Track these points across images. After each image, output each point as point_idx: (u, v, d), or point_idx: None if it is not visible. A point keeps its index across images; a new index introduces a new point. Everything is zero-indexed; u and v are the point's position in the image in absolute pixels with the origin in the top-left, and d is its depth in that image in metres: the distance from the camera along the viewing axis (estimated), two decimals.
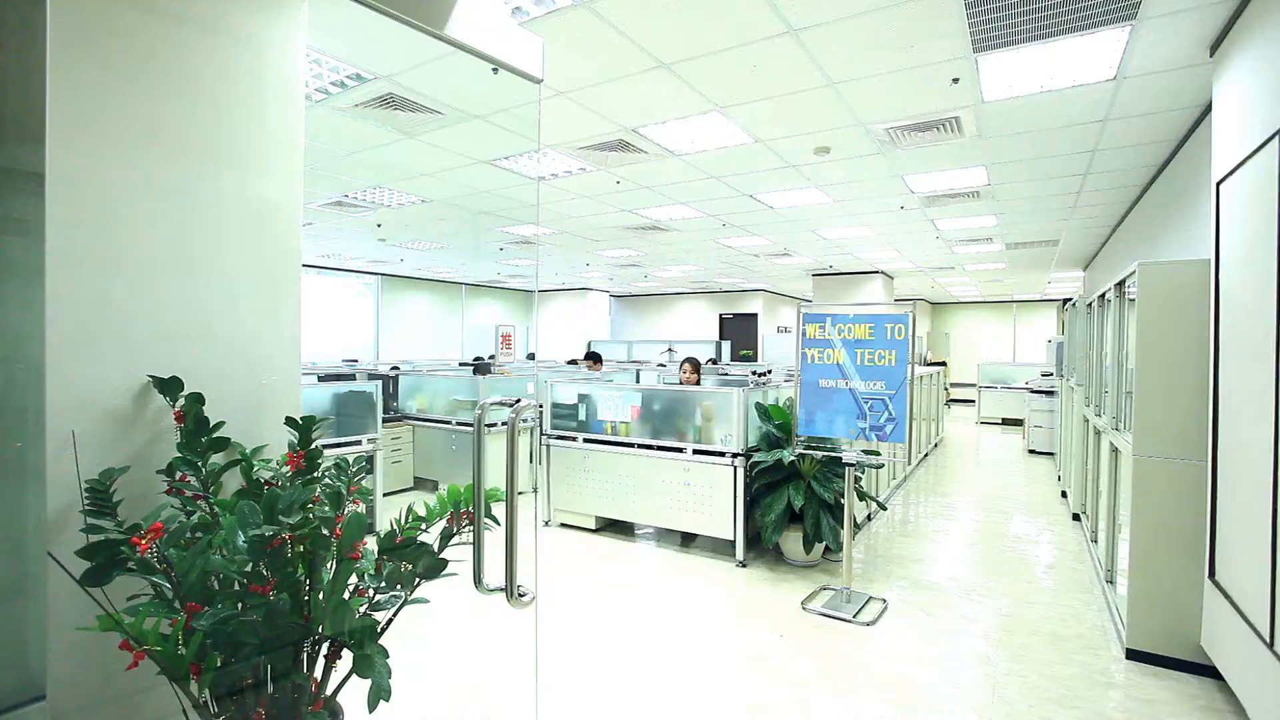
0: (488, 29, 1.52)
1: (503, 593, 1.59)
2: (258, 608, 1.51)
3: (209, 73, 2.03)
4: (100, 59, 1.44)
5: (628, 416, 5.13)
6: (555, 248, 9.64)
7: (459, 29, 1.44)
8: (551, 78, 3.56)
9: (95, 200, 1.50)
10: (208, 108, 2.02)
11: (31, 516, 1.11)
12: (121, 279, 1.81)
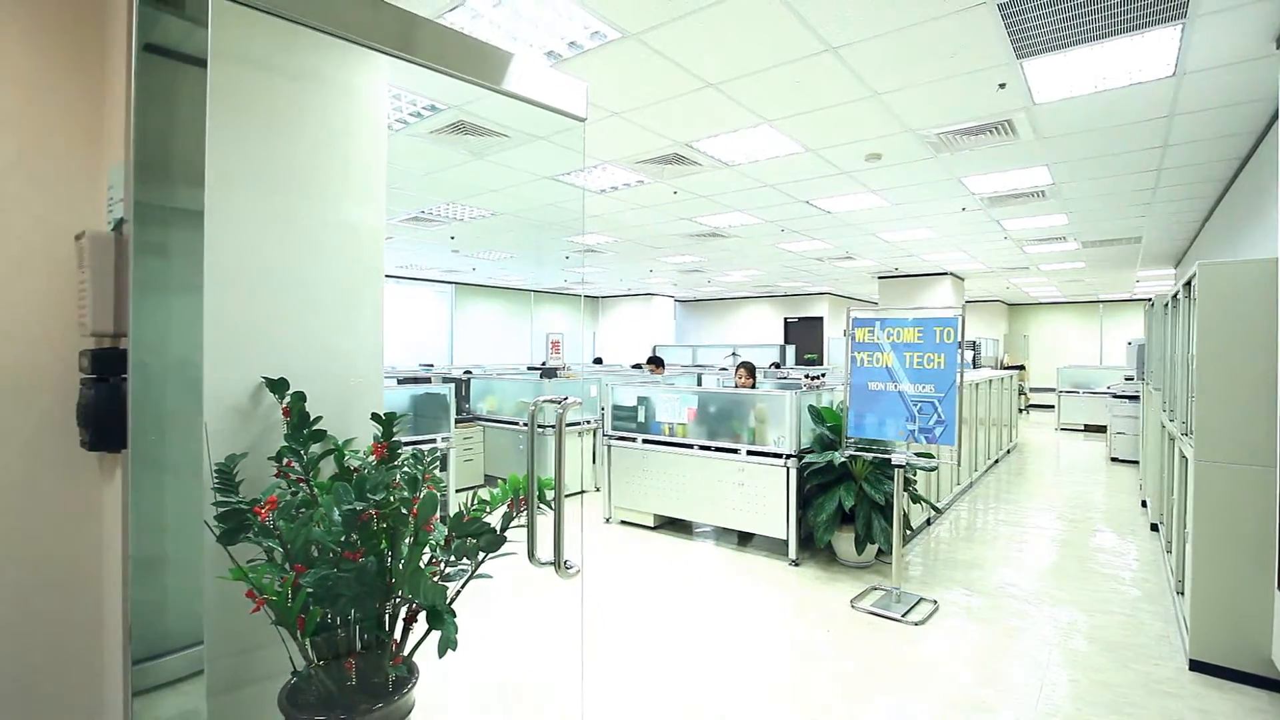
0: (537, 80, 1.76)
1: (553, 566, 1.82)
2: (351, 569, 1.80)
3: (307, 116, 2.39)
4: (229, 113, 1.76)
5: (685, 418, 5.32)
6: (618, 255, 9.94)
7: (513, 83, 1.69)
8: (607, 100, 3.82)
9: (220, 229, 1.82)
10: (306, 146, 2.38)
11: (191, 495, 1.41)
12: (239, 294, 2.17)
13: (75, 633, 1.46)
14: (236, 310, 2.16)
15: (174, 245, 1.33)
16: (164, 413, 1.31)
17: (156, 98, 1.26)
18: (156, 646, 1.47)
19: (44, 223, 1.37)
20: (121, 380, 1.26)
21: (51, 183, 1.38)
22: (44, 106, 1.39)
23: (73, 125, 1.41)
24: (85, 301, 1.28)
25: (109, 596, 1.45)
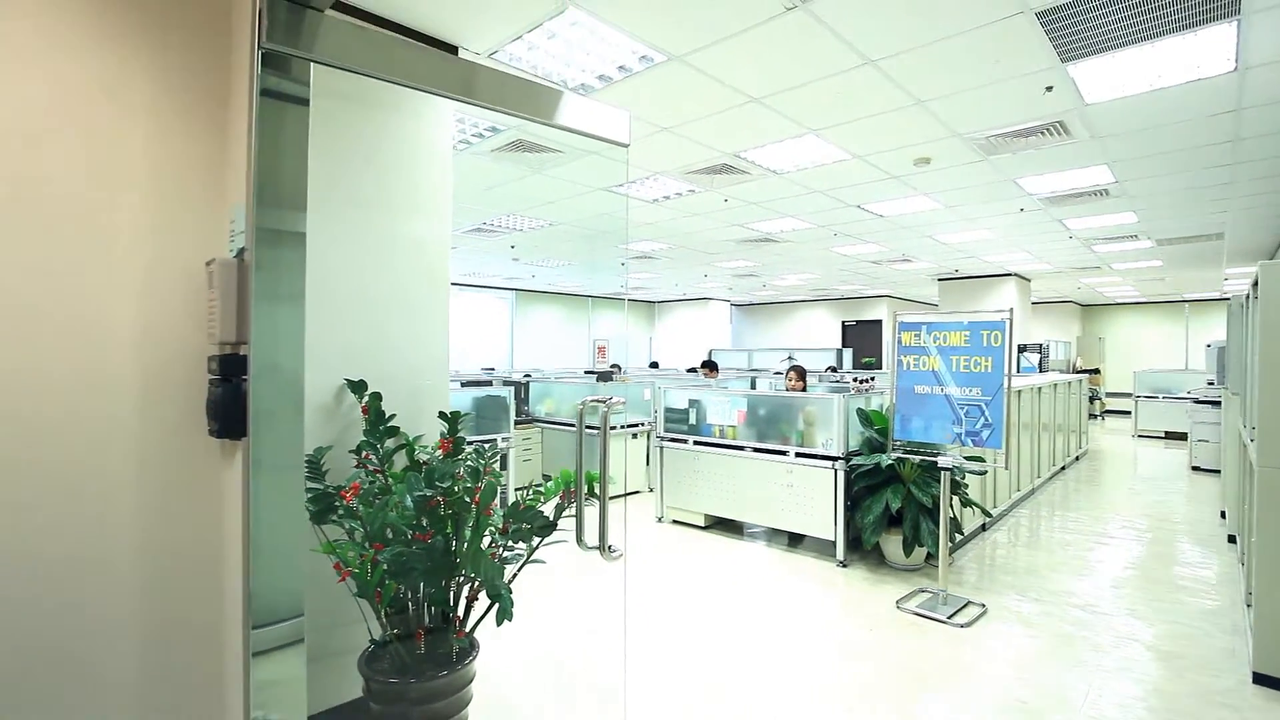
0: (584, 113, 1.97)
1: (598, 550, 2.01)
2: (421, 548, 2.05)
3: (383, 144, 2.69)
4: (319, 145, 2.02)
5: (734, 421, 5.45)
6: (672, 261, 10.12)
7: (564, 116, 1.90)
8: (656, 117, 4.01)
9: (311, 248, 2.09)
10: (380, 169, 2.68)
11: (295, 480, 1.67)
12: (325, 305, 2.47)
13: (201, 589, 1.74)
14: (323, 319, 2.46)
15: (281, 263, 1.60)
16: (274, 408, 1.57)
17: (268, 136, 1.52)
18: (265, 616, 1.72)
19: (182, 253, 1.67)
20: (242, 380, 1.53)
21: (187, 220, 1.68)
22: (179, 157, 1.68)
23: (202, 170, 1.70)
24: (214, 316, 1.56)
25: (229, 561, 1.73)
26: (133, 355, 1.61)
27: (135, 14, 1.62)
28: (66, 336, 1.52)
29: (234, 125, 1.70)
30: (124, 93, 1.60)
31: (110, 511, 1.60)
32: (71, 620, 1.55)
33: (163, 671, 1.69)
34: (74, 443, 1.54)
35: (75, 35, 1.54)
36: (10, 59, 1.46)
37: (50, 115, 1.51)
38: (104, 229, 1.57)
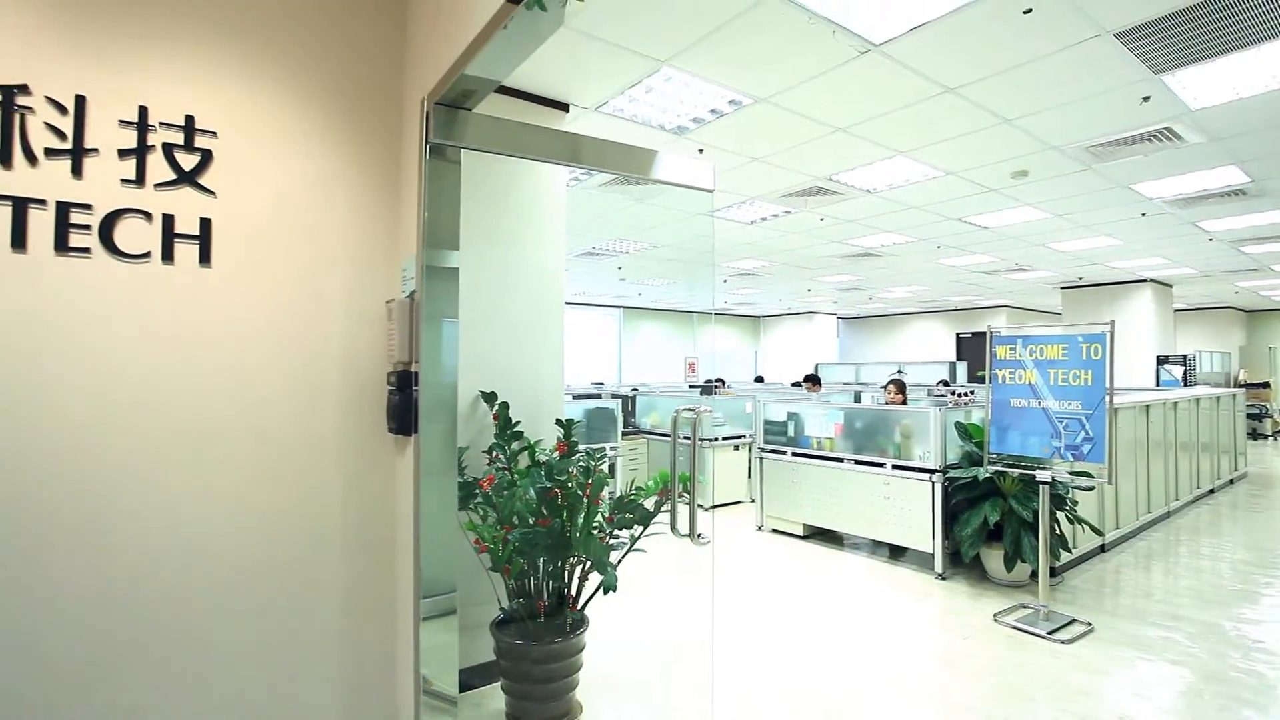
0: (674, 166, 2.35)
1: (688, 537, 2.35)
2: (543, 530, 2.48)
3: (509, 189, 3.19)
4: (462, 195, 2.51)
5: (832, 433, 5.59)
6: (774, 277, 10.30)
7: (657, 172, 2.29)
8: (747, 149, 4.33)
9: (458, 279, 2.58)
10: (507, 210, 3.18)
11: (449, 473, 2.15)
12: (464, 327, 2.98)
13: (379, 559, 2.26)
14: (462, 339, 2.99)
15: (439, 294, 2.08)
16: (434, 413, 2.05)
17: (431, 201, 2.01)
18: (427, 588, 2.17)
19: (370, 295, 2.21)
20: (413, 390, 2.02)
21: (372, 270, 2.22)
22: (367, 224, 2.23)
23: (382, 232, 2.25)
24: (392, 342, 2.07)
25: (401, 538, 2.23)
26: (338, 373, 2.16)
27: (339, 123, 2.19)
28: (302, 362, 2.09)
29: (405, 197, 2.23)
30: (332, 179, 2.17)
31: (326, 489, 2.15)
32: (305, 572, 2.10)
33: (354, 625, 2.21)
34: (304, 435, 2.10)
35: (305, 142, 2.12)
36: (269, 158, 2.05)
37: (289, 196, 2.09)
38: (320, 279, 2.14)
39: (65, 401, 1.78)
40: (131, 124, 1.87)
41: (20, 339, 1.73)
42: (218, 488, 1.98)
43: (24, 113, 1.74)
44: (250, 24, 2.06)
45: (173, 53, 1.94)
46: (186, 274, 1.93)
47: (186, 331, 1.94)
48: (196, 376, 1.95)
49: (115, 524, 1.84)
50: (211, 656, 1.97)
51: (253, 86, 2.05)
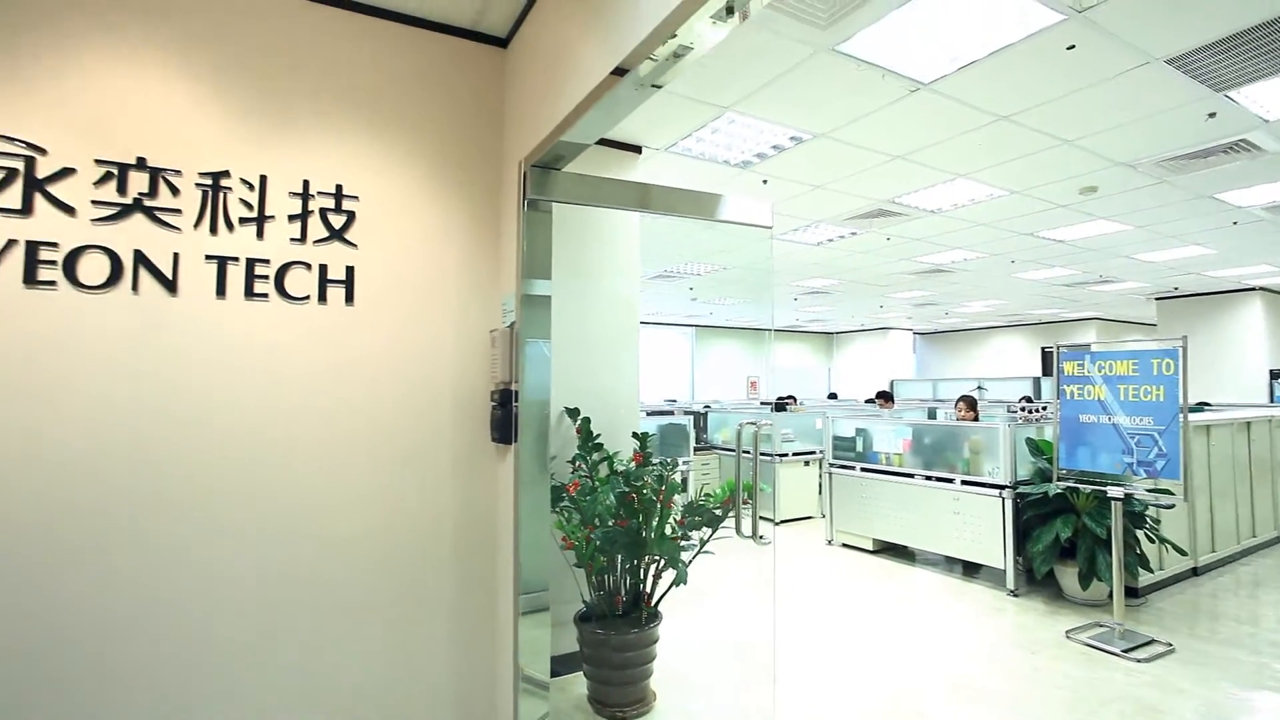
0: (736, 207, 2.65)
1: (750, 538, 2.61)
2: (621, 531, 2.80)
3: (588, 226, 3.56)
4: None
5: (900, 449, 5.67)
6: (845, 294, 10.34)
7: (720, 213, 2.61)
8: (808, 177, 4.58)
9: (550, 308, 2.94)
10: (587, 244, 3.55)
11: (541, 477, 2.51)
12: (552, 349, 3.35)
13: (482, 555, 2.64)
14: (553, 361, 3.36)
15: (534, 320, 2.45)
16: (529, 425, 2.42)
17: (527, 238, 2.40)
18: (524, 585, 2.51)
19: (478, 326, 2.63)
20: (512, 406, 2.40)
21: (478, 305, 2.64)
22: (475, 267, 2.65)
23: (486, 274, 2.66)
24: (495, 365, 2.46)
25: (502, 537, 2.61)
26: (450, 390, 2.58)
27: (451, 184, 2.63)
28: (421, 382, 2.52)
29: (505, 243, 2.63)
30: (446, 230, 2.61)
31: (443, 488, 2.56)
32: (422, 566, 2.51)
33: (461, 614, 2.59)
34: (422, 444, 2.52)
35: (424, 201, 2.57)
36: (397, 215, 2.51)
37: (412, 246, 2.54)
38: (436, 313, 2.57)
39: (241, 412, 2.26)
40: (298, 194, 2.36)
41: (215, 367, 2.22)
42: (353, 489, 2.41)
43: (225, 191, 2.25)
44: (383, 110, 2.53)
45: (327, 136, 2.43)
46: (336, 312, 2.40)
47: (335, 358, 2.40)
48: (340, 393, 2.40)
49: (276, 523, 2.30)
50: (346, 631, 2.39)
51: (385, 158, 2.52)
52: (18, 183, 2.02)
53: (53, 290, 2.04)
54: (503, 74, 2.77)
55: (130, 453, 2.11)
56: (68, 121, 2.09)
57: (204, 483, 2.20)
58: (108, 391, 2.09)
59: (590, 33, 1.93)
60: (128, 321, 2.13)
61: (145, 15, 2.20)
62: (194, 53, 2.26)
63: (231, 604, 2.22)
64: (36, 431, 2.01)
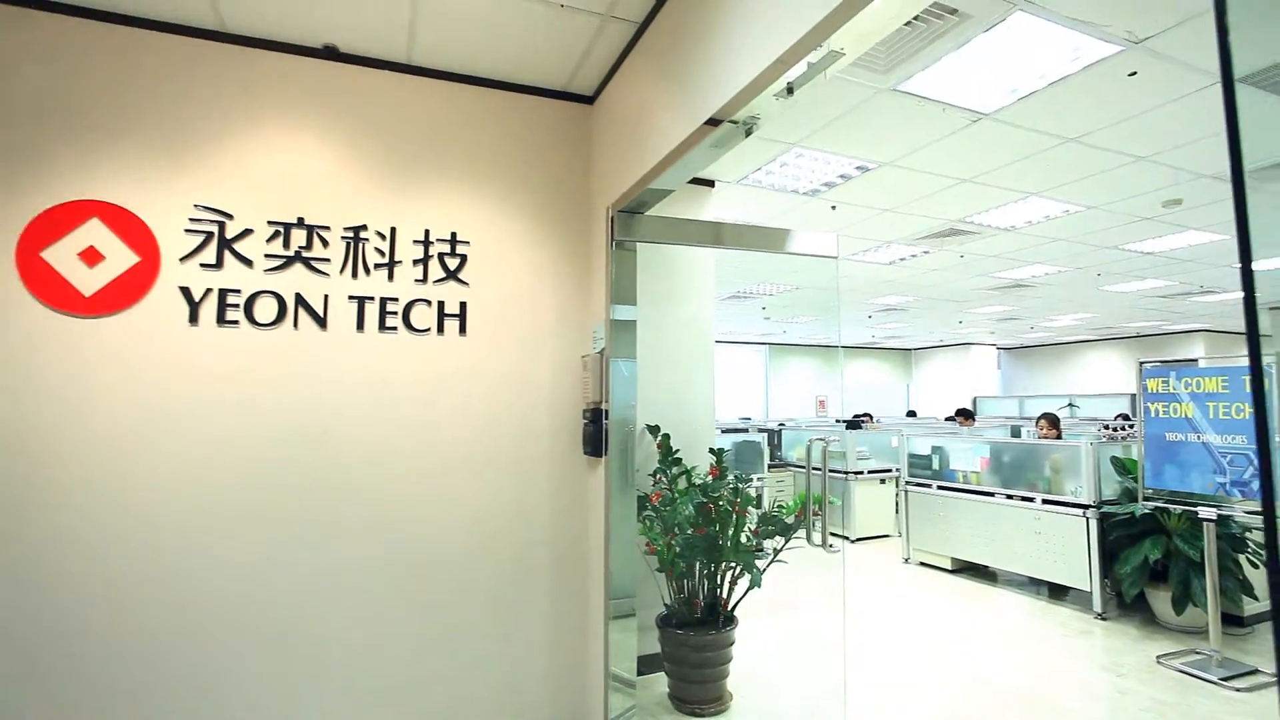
0: (803, 241, 2.88)
1: (820, 546, 2.79)
2: (700, 539, 3.05)
3: (668, 254, 3.85)
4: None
5: (977, 467, 5.63)
6: (922, 311, 10.21)
7: (789, 246, 2.84)
8: (876, 202, 4.72)
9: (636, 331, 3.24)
10: (665, 273, 3.84)
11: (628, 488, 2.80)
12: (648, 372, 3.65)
13: (574, 560, 2.94)
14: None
15: (620, 343, 2.75)
16: (616, 440, 2.71)
17: (614, 275, 2.71)
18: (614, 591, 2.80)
19: (571, 351, 2.96)
20: (603, 422, 2.70)
21: (571, 332, 2.98)
22: (568, 299, 3.00)
23: (578, 304, 3.00)
24: (587, 386, 2.77)
25: (593, 546, 2.91)
26: (547, 409, 2.92)
27: (546, 228, 2.99)
28: (522, 401, 2.88)
29: (594, 278, 2.97)
30: (542, 268, 2.97)
31: (540, 495, 2.89)
32: (521, 567, 2.84)
33: (556, 613, 2.90)
34: (522, 456, 2.86)
35: (523, 243, 2.94)
36: (501, 256, 2.89)
37: (514, 283, 2.91)
38: (534, 341, 2.92)
39: (376, 426, 2.67)
40: (420, 242, 2.77)
41: (358, 389, 2.65)
42: (463, 493, 2.78)
43: (363, 242, 2.69)
44: (488, 165, 2.92)
45: (443, 191, 2.84)
46: (451, 341, 2.79)
47: (451, 380, 2.78)
48: (455, 410, 2.78)
49: (397, 519, 2.68)
50: (454, 623, 2.74)
51: (490, 207, 2.91)
52: (213, 243, 2.51)
53: (236, 328, 2.52)
54: (589, 127, 3.13)
55: (297, 457, 2.55)
56: (247, 192, 2.58)
57: (348, 482, 2.61)
58: (278, 408, 2.54)
59: (670, 97, 2.24)
60: (290, 352, 2.58)
61: (300, 102, 2.68)
62: (337, 129, 2.72)
63: (352, 586, 2.61)
64: (228, 439, 2.48)
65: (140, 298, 2.44)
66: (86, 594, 2.31)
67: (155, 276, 2.46)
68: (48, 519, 2.30)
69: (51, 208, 2.37)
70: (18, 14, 2.40)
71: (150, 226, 2.46)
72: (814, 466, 3.07)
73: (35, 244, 2.34)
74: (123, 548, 2.36)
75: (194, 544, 2.43)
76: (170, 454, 2.43)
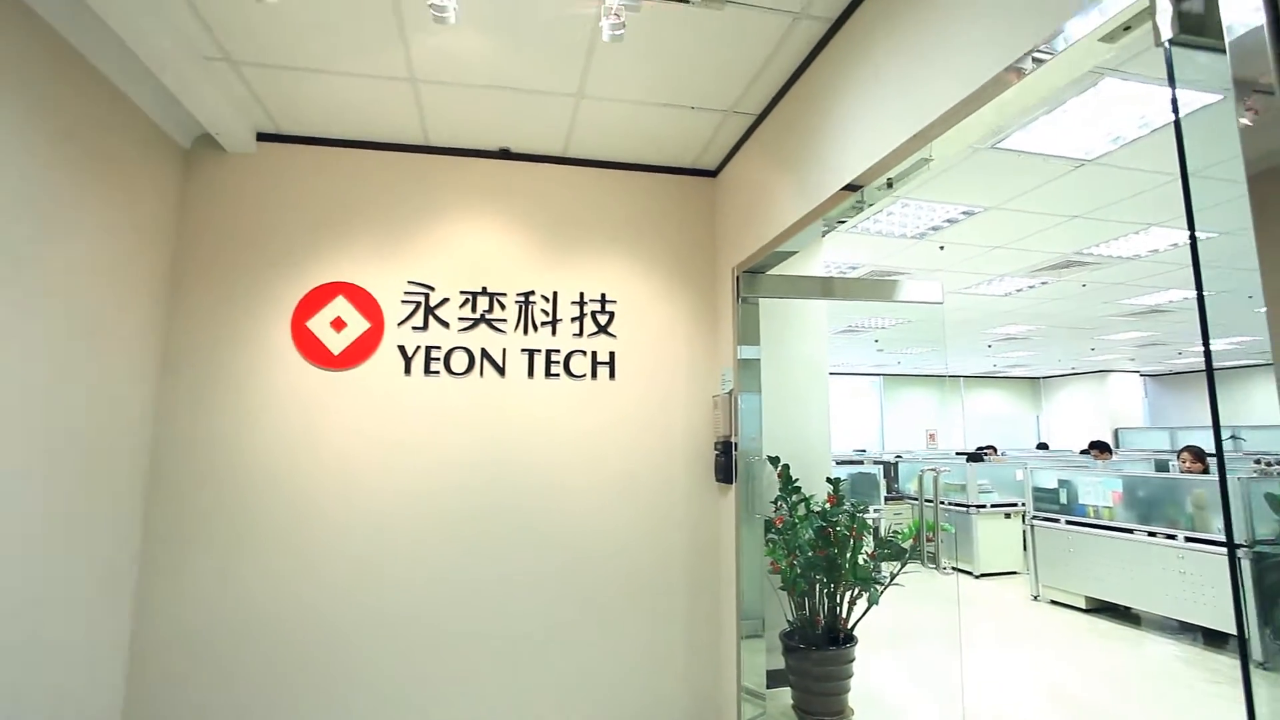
0: (910, 289, 3.19)
1: (933, 567, 3.01)
2: (820, 559, 3.36)
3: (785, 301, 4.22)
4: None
5: (1109, 501, 5.46)
6: (1047, 339, 9.82)
7: (896, 294, 3.16)
8: (985, 239, 4.87)
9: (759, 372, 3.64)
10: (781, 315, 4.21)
11: (758, 515, 3.18)
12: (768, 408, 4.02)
13: (706, 579, 3.35)
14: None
15: (744, 381, 3.17)
16: (745, 469, 3.12)
17: (739, 326, 3.14)
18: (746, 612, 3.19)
19: (702, 391, 3.42)
20: (732, 454, 3.12)
21: (701, 376, 3.44)
22: (699, 346, 3.47)
23: (708, 350, 3.46)
24: (718, 422, 3.21)
25: (724, 569, 3.31)
26: (682, 442, 3.38)
27: (678, 286, 3.50)
28: (662, 435, 3.36)
29: (722, 329, 3.43)
30: (675, 321, 3.47)
31: (676, 517, 3.34)
32: (661, 583, 3.28)
33: (692, 622, 3.31)
34: (663, 483, 3.33)
35: (660, 300, 3.46)
36: (642, 312, 3.42)
37: (654, 334, 3.42)
38: (671, 384, 3.41)
39: (542, 457, 3.23)
40: (576, 302, 3.36)
41: (530, 425, 3.23)
42: (612, 516, 3.27)
43: (532, 304, 3.31)
44: (630, 235, 3.48)
45: (594, 259, 3.42)
46: (603, 385, 3.33)
47: (602, 419, 3.31)
48: (606, 444, 3.30)
49: (558, 540, 3.21)
50: (604, 635, 3.21)
51: (632, 272, 3.45)
52: (421, 310, 3.21)
53: (437, 377, 3.19)
54: (713, 198, 3.62)
55: (482, 481, 3.17)
56: (444, 267, 3.27)
57: (521, 504, 3.19)
58: (469, 441, 3.18)
59: (785, 180, 2.67)
60: (478, 396, 3.21)
61: (482, 193, 3.36)
62: (509, 213, 3.38)
63: (522, 594, 3.15)
64: (431, 466, 3.13)
65: (370, 355, 3.16)
66: (310, 598, 3.00)
67: (381, 338, 3.18)
68: (304, 530, 3.02)
69: (313, 289, 3.16)
70: (290, 148, 3.24)
71: (378, 299, 3.20)
72: (926, 499, 3.31)
73: (302, 316, 3.12)
74: (347, 555, 3.04)
75: (402, 554, 3.07)
76: (389, 477, 3.11)
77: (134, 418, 2.81)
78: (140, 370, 2.85)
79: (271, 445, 3.03)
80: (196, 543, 2.92)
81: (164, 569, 2.88)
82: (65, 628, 2.42)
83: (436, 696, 3.02)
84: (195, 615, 2.88)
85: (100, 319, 2.58)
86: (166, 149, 2.99)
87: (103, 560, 2.63)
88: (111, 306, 2.64)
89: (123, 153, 2.66)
